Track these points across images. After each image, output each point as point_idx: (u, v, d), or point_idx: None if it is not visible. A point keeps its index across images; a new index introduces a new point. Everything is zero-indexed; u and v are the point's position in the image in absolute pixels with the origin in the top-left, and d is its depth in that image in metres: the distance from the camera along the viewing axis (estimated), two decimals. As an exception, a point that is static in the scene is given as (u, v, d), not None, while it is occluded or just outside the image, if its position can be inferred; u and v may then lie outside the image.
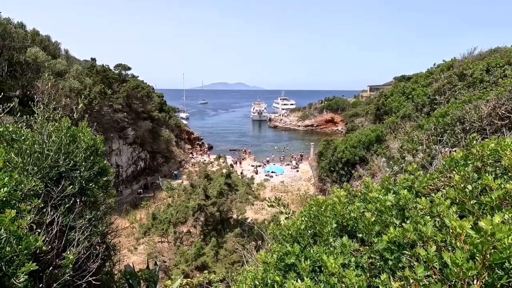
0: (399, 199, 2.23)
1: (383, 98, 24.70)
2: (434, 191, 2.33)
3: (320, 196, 2.28)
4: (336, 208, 2.06)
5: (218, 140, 60.89)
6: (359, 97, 69.28)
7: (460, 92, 14.57)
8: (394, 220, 2.00)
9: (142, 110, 31.63)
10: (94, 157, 3.79)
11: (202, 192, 13.98)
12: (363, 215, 2.12)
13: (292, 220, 2.03)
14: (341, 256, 1.55)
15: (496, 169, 1.75)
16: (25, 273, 1.49)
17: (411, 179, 2.52)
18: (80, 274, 2.41)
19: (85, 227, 2.94)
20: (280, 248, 1.83)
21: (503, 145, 1.71)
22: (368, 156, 18.15)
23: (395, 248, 1.85)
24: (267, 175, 35.96)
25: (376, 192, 2.45)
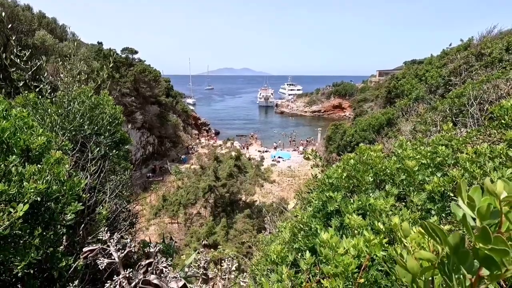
0: (437, 155, 2.17)
1: (395, 81, 24.14)
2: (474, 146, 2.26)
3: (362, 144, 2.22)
4: (373, 161, 2.01)
5: (225, 125, 60.84)
6: (368, 82, 67.85)
7: (477, 73, 14.10)
8: (435, 172, 1.95)
9: (149, 94, 31.61)
10: (116, 125, 3.79)
11: (212, 174, 14.10)
12: (399, 170, 2.07)
13: (333, 170, 2.00)
14: (392, 199, 1.51)
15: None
16: (72, 212, 1.51)
17: (448, 137, 2.44)
18: (112, 231, 2.44)
19: (112, 189, 2.97)
20: (321, 196, 1.80)
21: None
22: (379, 139, 17.93)
23: (438, 197, 1.81)
24: (274, 160, 36.02)
25: (411, 150, 2.39)
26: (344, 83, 69.91)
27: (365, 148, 2.12)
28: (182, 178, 18.56)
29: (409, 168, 1.81)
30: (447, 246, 0.49)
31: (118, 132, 3.86)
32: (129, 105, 27.56)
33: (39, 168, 1.60)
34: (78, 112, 3.04)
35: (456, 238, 0.48)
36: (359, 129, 20.79)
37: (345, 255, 1.01)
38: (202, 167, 15.03)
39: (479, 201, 0.49)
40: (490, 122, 2.28)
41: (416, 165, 1.83)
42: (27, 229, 1.50)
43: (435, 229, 0.51)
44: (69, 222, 1.54)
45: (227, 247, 12.92)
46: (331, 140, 27.23)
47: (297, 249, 1.62)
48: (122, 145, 3.91)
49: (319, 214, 1.79)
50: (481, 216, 0.49)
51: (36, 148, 1.87)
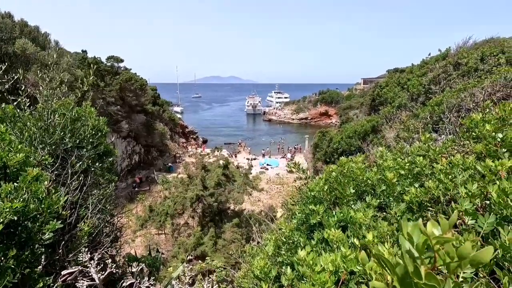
0: (415, 166, 2.25)
1: (378, 89, 24.85)
2: (449, 157, 2.36)
3: (343, 158, 2.28)
4: (354, 173, 2.07)
5: (213, 133, 60.65)
6: (353, 90, 69.53)
7: (455, 81, 14.73)
8: (412, 183, 2.01)
9: (135, 103, 31.21)
10: (99, 137, 3.72)
11: (200, 183, 13.96)
12: (380, 180, 2.14)
13: (315, 183, 2.04)
14: (371, 211, 1.56)
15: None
16: (50, 230, 1.46)
17: (425, 148, 2.54)
18: (93, 248, 2.38)
19: (95, 204, 2.90)
20: (303, 209, 1.83)
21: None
22: (364, 146, 18.31)
23: (416, 208, 1.87)
24: (263, 168, 36.07)
25: (391, 161, 2.47)
26: (330, 90, 71.32)
27: (346, 161, 2.18)
28: (169, 188, 18.27)
29: (388, 180, 1.87)
30: (395, 276, 0.52)
31: (101, 144, 3.79)
32: (114, 114, 27.09)
33: (16, 186, 1.56)
34: (58, 125, 2.98)
35: (402, 270, 0.51)
36: (345, 136, 21.17)
37: (322, 273, 1.03)
38: (190, 176, 14.87)
39: (418, 238, 0.53)
40: (464, 132, 2.39)
41: (394, 177, 1.90)
42: (2, 250, 1.45)
43: (385, 261, 0.53)
44: (47, 242, 1.49)
45: (216, 258, 12.73)
46: (318, 147, 27.55)
47: (280, 263, 1.63)
48: (106, 158, 3.84)
49: (303, 227, 1.81)
50: (419, 251, 0.52)
51: (13, 165, 1.82)
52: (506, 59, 13.62)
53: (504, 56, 13.79)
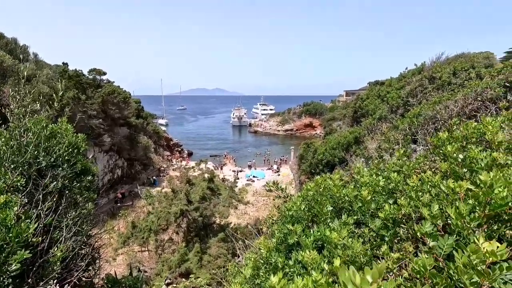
0: (390, 181, 2.32)
1: (360, 101, 25.62)
2: (421, 173, 2.46)
3: (318, 177, 2.33)
4: (332, 190, 2.11)
5: (198, 146, 60.12)
6: (336, 102, 71.37)
7: (430, 94, 15.44)
8: (385, 199, 2.08)
9: (118, 116, 30.63)
10: (76, 155, 3.62)
11: (184, 197, 13.70)
12: (357, 197, 2.19)
13: (292, 202, 2.06)
14: (345, 230, 1.59)
15: (479, 145, 1.88)
16: (17, 261, 1.39)
17: (399, 164, 2.64)
18: (68, 273, 2.28)
19: (70, 226, 2.79)
20: (282, 228, 1.84)
21: (486, 123, 1.85)
22: (348, 157, 18.66)
23: (390, 225, 1.92)
24: (249, 180, 35.93)
25: (367, 177, 2.54)
26: (314, 102, 72.87)
27: (322, 180, 2.23)
28: (153, 203, 17.81)
29: (363, 197, 1.92)
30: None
31: (79, 162, 3.68)
32: (96, 128, 26.43)
33: (-18, 214, 1.49)
34: (31, 143, 2.88)
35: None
36: (329, 148, 21.52)
37: (292, 300, 1.05)
38: (174, 190, 14.57)
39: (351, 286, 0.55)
40: (434, 148, 2.50)
41: (369, 194, 1.95)
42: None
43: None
44: (14, 273, 1.41)
45: (201, 274, 12.39)
46: (304, 158, 27.82)
47: (258, 285, 1.62)
48: (84, 176, 3.73)
49: (282, 246, 1.82)
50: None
51: (-20, 189, 1.74)
52: (476, 73, 14.46)
53: (474, 71, 14.64)
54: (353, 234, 1.99)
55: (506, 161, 1.60)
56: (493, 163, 1.46)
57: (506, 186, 0.99)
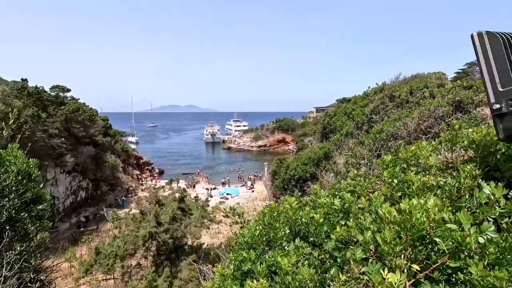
0: (344, 202, 2.44)
1: (328, 118, 26.69)
2: (372, 192, 2.60)
3: (272, 203, 2.38)
4: (288, 214, 2.17)
5: (170, 164, 58.45)
6: (307, 118, 73.68)
7: (391, 111, 16.51)
8: (339, 221, 2.17)
9: (83, 134, 29.14)
10: (26, 183, 3.38)
11: (153, 219, 13.13)
12: (312, 219, 2.27)
13: (247, 228, 2.08)
14: (295, 256, 1.64)
15: (417, 167, 2.06)
16: None
17: (353, 184, 2.78)
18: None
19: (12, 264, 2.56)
20: (237, 256, 1.85)
21: (421, 147, 2.04)
22: (318, 172, 19.15)
23: (342, 246, 2.01)
24: (223, 198, 35.38)
25: (324, 198, 2.64)
26: (286, 118, 74.65)
27: (275, 206, 2.29)
28: (120, 226, 16.85)
29: (315, 220, 2.00)
30: None
31: (30, 190, 3.44)
32: (58, 147, 24.86)
33: None
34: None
35: None
36: (300, 163, 21.98)
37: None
38: (142, 212, 13.92)
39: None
40: (384, 169, 2.67)
41: (321, 217, 2.03)
42: None
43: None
44: None
45: (171, 301, 11.79)
46: (277, 174, 28.10)
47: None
48: (34, 205, 3.48)
49: (238, 273, 1.82)
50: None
51: None
52: (429, 92, 15.77)
53: (428, 90, 15.96)
54: (308, 257, 2.04)
55: (438, 182, 1.76)
56: (424, 186, 1.61)
57: (423, 212, 1.10)
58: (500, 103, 1.53)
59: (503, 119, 1.53)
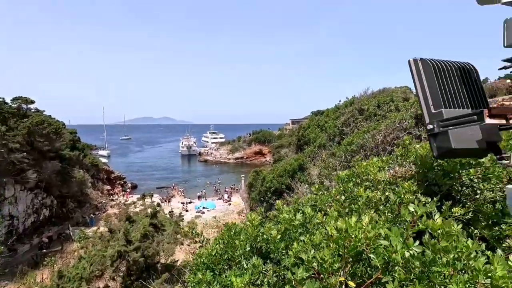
0: (306, 217, 2.49)
1: (302, 130, 27.33)
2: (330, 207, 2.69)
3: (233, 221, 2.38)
4: (248, 231, 2.18)
5: (144, 178, 56.47)
6: (283, 130, 74.90)
7: (361, 124, 17.28)
8: (297, 236, 2.22)
9: (48, 148, 27.46)
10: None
11: (122, 237, 12.49)
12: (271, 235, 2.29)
13: (205, 248, 2.06)
14: (249, 275, 1.65)
15: (370, 182, 2.17)
16: None
17: (314, 198, 2.85)
18: None
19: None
20: (193, 278, 1.82)
21: (371, 164, 2.16)
22: (293, 183, 19.39)
23: (300, 262, 2.04)
24: (199, 212, 34.61)
25: (286, 213, 2.69)
26: (263, 130, 75.38)
27: (232, 224, 2.30)
28: (86, 246, 15.84)
29: (272, 237, 2.03)
30: None
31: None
32: (18, 163, 23.19)
33: None
34: None
35: None
36: (276, 175, 22.12)
37: None
38: (111, 230, 13.20)
39: None
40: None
41: (279, 234, 2.07)
42: None
43: None
44: None
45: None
46: (253, 186, 27.99)
47: None
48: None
49: (195, 296, 1.79)
50: None
51: None
52: (395, 106, 16.72)
53: (393, 104, 16.94)
54: (264, 274, 2.05)
55: (386, 197, 1.87)
56: (370, 201, 1.71)
57: (359, 230, 1.17)
58: (433, 123, 1.68)
59: (436, 138, 1.68)
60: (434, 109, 1.70)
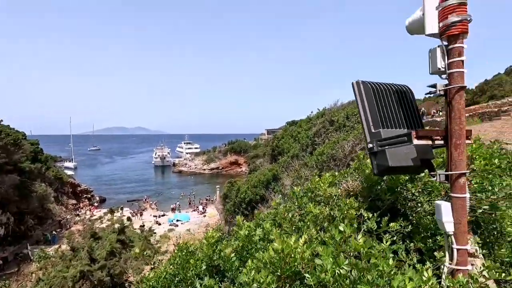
0: (265, 232, 2.51)
1: (277, 140, 27.67)
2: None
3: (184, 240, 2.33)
4: (203, 250, 2.15)
5: (114, 190, 53.84)
6: (259, 140, 75.32)
7: (331, 135, 17.83)
8: (254, 253, 2.22)
9: (5, 161, 25.45)
10: None
11: (86, 256, 11.72)
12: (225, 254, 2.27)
13: (155, 271, 2.00)
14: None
15: (321, 197, 2.25)
16: None
17: (274, 213, 2.88)
18: None
19: None
20: (141, 303, 1.75)
21: (323, 179, 2.24)
22: (267, 194, 19.43)
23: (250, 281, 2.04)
24: (172, 225, 33.47)
25: (246, 229, 2.69)
26: (238, 140, 75.29)
27: (183, 245, 2.27)
28: (46, 266, 14.68)
29: (226, 256, 2.01)
30: None
31: None
32: (-30, 177, 21.23)
33: None
34: None
35: None
36: (250, 186, 22.07)
37: None
38: (73, 248, 12.34)
39: None
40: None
41: (232, 252, 2.06)
42: None
43: None
44: None
45: None
46: (228, 197, 27.69)
47: None
48: None
49: (142, 321, 1.72)
50: None
51: None
52: (362, 117, 17.50)
53: (361, 115, 17.72)
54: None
55: (333, 213, 1.93)
56: (316, 218, 1.77)
57: (294, 250, 1.21)
58: (373, 143, 1.79)
59: (376, 157, 1.78)
60: (373, 129, 1.82)
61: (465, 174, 1.54)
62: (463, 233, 1.51)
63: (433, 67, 1.62)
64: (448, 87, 1.56)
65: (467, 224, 2.01)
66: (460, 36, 1.52)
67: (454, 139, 1.51)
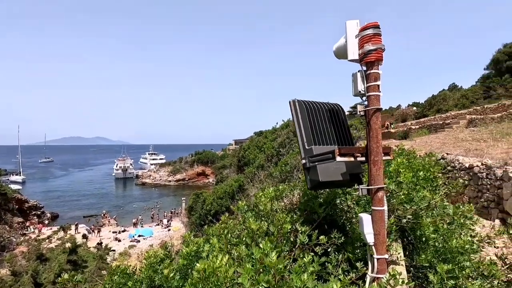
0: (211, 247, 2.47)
1: (243, 151, 27.73)
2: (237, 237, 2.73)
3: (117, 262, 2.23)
4: (142, 271, 2.07)
5: (68, 206, 49.76)
6: (227, 150, 74.88)
7: (295, 145, 18.33)
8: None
9: None
10: None
11: (30, 280, 10.57)
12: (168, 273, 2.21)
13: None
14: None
15: (263, 212, 2.29)
16: None
17: (223, 227, 2.87)
18: None
19: None
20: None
21: (265, 193, 2.29)
22: (233, 206, 19.29)
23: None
24: (133, 240, 31.65)
25: (192, 245, 2.63)
26: (205, 151, 74.16)
27: (117, 267, 2.18)
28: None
29: (164, 275, 1.96)
30: None
31: None
32: None
33: None
34: None
35: None
36: (216, 197, 21.71)
37: None
38: (15, 273, 11.07)
39: None
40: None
41: (171, 272, 2.01)
42: None
43: None
44: None
45: None
46: (193, 210, 26.93)
47: None
48: None
49: None
50: None
51: None
52: (324, 129, 18.26)
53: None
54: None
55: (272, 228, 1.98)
56: (253, 233, 1.80)
57: (217, 271, 1.22)
58: (306, 159, 1.88)
59: (309, 172, 1.88)
60: (307, 145, 1.92)
61: (383, 188, 1.69)
62: (382, 243, 1.64)
63: (355, 90, 1.77)
64: (367, 109, 1.72)
65: (395, 232, 2.18)
66: (376, 63, 1.69)
67: (373, 156, 1.66)
